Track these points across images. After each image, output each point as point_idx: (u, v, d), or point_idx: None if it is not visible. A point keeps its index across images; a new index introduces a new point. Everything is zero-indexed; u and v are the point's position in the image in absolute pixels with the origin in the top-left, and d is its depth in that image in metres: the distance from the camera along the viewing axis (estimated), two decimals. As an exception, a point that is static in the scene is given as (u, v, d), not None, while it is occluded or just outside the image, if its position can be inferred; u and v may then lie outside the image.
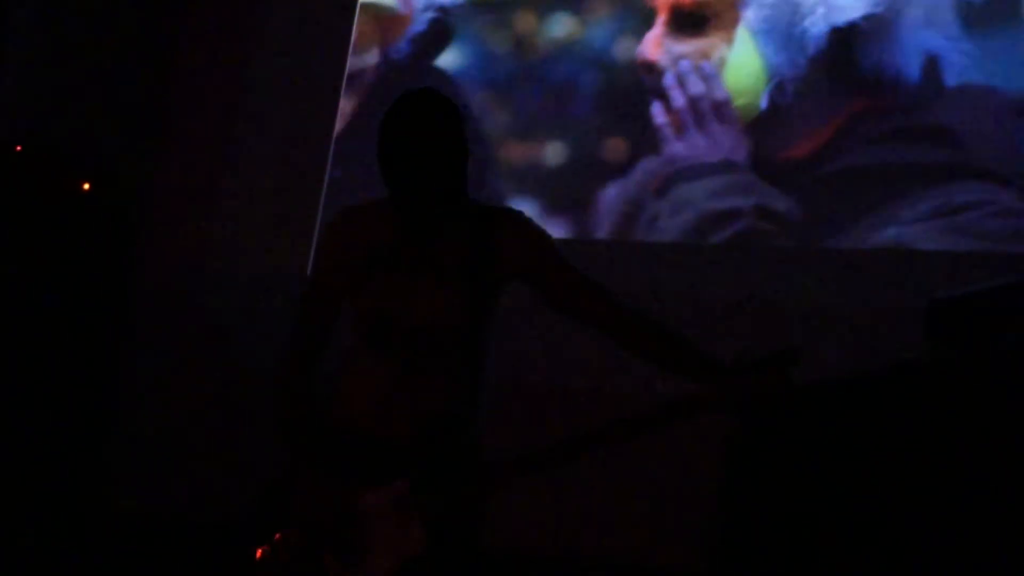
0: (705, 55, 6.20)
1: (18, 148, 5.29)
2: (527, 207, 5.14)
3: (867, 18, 5.82)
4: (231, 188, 7.03)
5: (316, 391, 3.43)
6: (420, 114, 3.25)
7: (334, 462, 3.32)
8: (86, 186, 5.29)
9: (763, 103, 5.99)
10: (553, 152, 6.43)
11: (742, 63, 6.11)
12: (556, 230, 5.52)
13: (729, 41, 6.16)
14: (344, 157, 6.96)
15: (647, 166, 6.15)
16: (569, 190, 6.30)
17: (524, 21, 6.67)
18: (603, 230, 6.25)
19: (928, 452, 4.04)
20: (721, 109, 6.11)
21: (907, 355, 4.37)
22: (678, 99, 6.18)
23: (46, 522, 5.09)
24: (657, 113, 6.19)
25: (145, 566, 5.41)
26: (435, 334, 3.33)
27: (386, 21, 7.09)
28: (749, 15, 6.12)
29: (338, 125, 7.03)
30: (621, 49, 6.39)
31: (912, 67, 5.74)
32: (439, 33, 6.85)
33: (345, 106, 7.05)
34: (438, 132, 3.23)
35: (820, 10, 5.93)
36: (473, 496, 3.32)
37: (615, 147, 6.28)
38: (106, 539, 5.45)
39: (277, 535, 3.27)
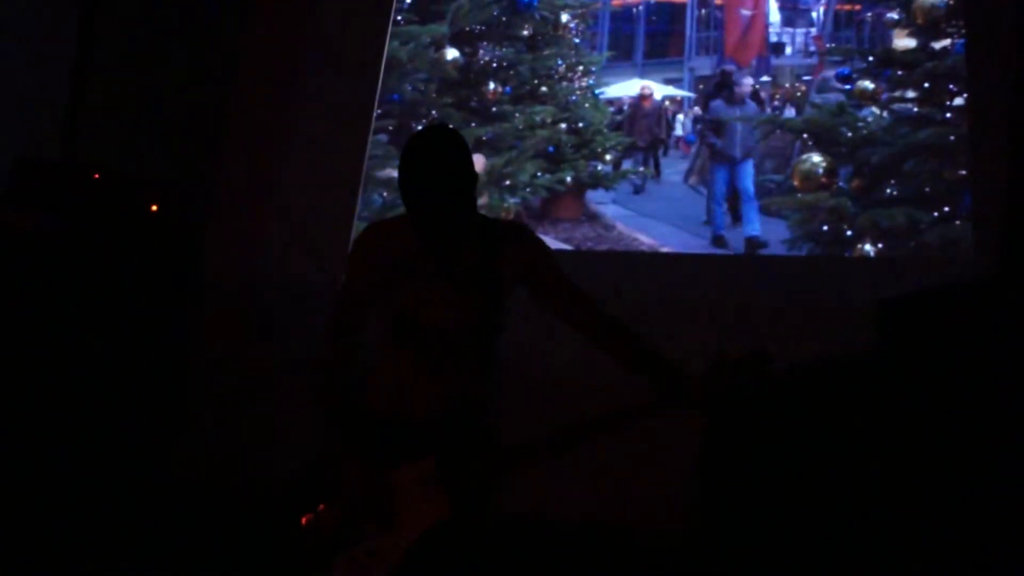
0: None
1: (96, 175, 5.28)
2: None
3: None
4: (277, 204, 7.04)
5: (351, 381, 3.46)
6: (434, 150, 3.28)
7: (370, 442, 3.33)
8: (154, 207, 5.27)
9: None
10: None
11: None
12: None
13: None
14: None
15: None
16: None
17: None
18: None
19: (876, 427, 4.10)
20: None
21: (860, 347, 4.38)
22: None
23: (126, 489, 5.07)
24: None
25: (204, 530, 5.41)
26: (453, 333, 3.33)
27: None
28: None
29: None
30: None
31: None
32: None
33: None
34: (450, 164, 3.26)
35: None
36: (489, 471, 3.32)
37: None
38: (173, 505, 5.44)
39: (321, 505, 3.30)
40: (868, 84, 6.15)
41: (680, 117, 6.94)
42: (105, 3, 6.13)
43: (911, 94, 6.04)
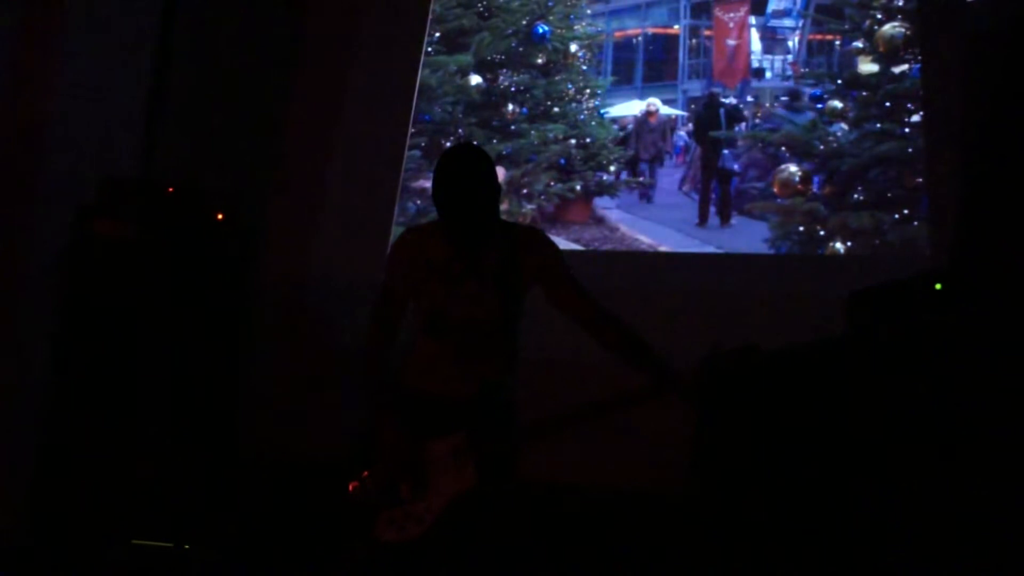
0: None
1: (170, 189, 5.30)
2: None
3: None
4: (325, 212, 7.06)
5: (391, 365, 3.49)
6: (463, 166, 3.30)
7: (407, 418, 3.34)
8: (219, 216, 5.29)
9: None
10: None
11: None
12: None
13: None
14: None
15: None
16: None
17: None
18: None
19: (847, 404, 4.10)
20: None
21: (833, 333, 4.38)
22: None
23: (197, 462, 5.09)
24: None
25: (265, 495, 5.44)
26: (478, 325, 3.36)
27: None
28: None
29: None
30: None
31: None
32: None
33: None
34: (477, 178, 3.28)
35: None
36: (511, 444, 3.36)
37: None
38: (238, 474, 5.46)
39: (365, 472, 3.34)
40: (837, 103, 6.14)
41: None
42: (176, 42, 6.13)
43: (875, 112, 6.03)
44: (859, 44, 6.18)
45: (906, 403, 3.95)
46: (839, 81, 6.16)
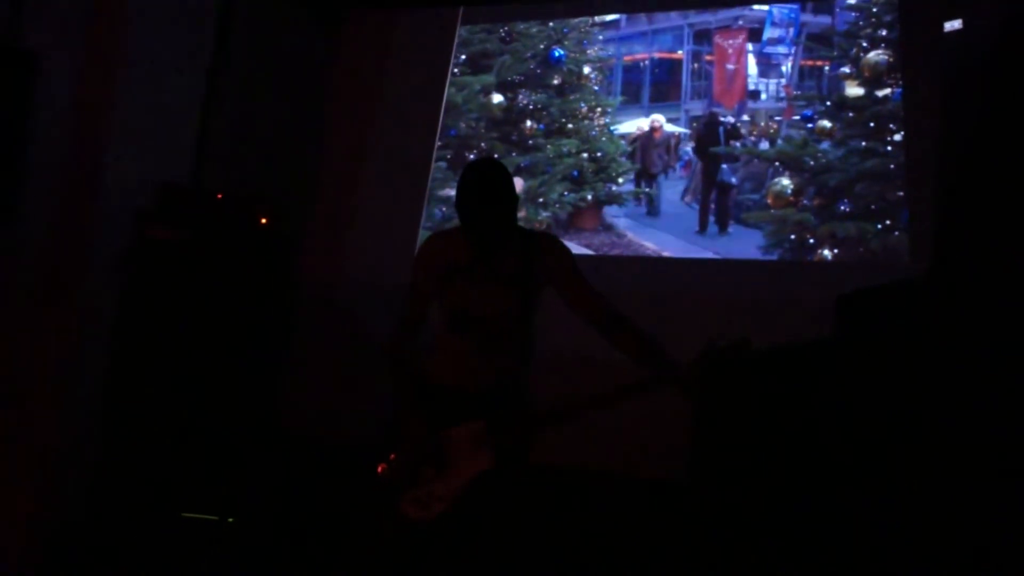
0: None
1: (219, 196, 5.31)
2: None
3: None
4: (358, 217, 7.08)
5: (416, 359, 3.49)
6: (484, 178, 3.31)
7: (431, 406, 3.37)
8: (264, 220, 5.30)
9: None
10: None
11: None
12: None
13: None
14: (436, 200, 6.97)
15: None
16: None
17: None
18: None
19: (834, 398, 4.09)
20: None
21: (822, 333, 4.36)
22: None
23: (242, 442, 5.11)
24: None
25: (302, 475, 5.44)
26: (497, 322, 3.39)
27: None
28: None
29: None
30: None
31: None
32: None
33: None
34: (497, 189, 3.29)
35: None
36: (525, 431, 3.38)
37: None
38: (279, 455, 5.46)
39: (392, 455, 3.36)
40: (826, 123, 6.11)
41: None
42: (226, 65, 6.15)
43: (860, 131, 6.00)
44: (846, 69, 6.15)
45: (890, 398, 3.96)
46: (828, 103, 6.13)
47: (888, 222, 5.80)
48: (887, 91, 5.98)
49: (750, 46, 6.39)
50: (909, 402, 3.92)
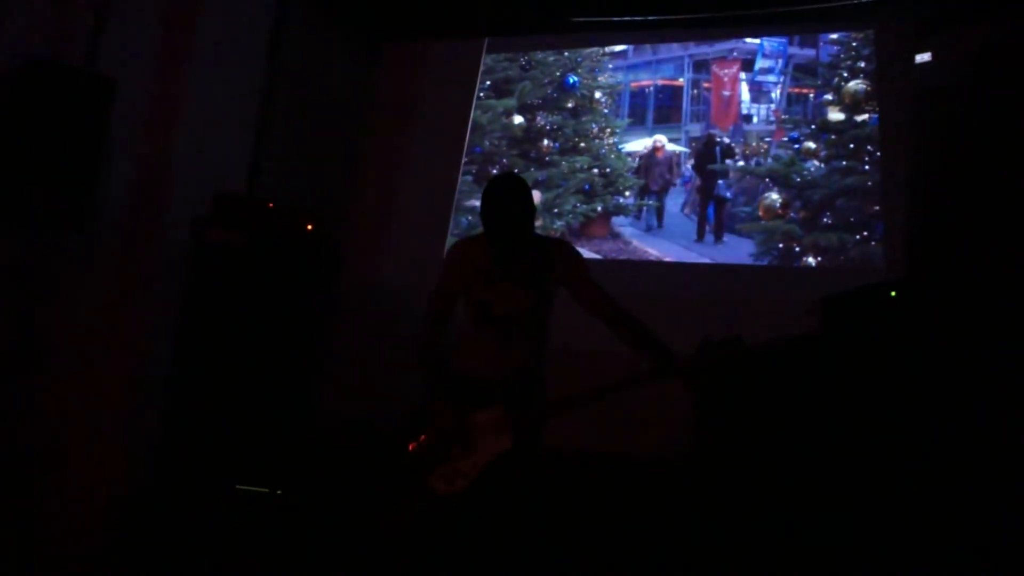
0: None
1: (270, 204, 5.33)
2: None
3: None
4: (393, 225, 7.08)
5: (443, 351, 3.52)
6: (506, 191, 3.34)
7: (457, 393, 3.39)
8: (309, 227, 5.32)
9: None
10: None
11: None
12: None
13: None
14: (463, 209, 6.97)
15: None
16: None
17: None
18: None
19: (819, 388, 4.10)
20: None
21: (807, 331, 4.43)
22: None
23: (289, 423, 5.11)
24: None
25: (342, 453, 5.45)
26: (516, 319, 3.41)
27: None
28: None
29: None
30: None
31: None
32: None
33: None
34: (517, 201, 3.32)
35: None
36: (541, 416, 3.39)
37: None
38: (323, 436, 5.47)
39: (422, 436, 3.38)
40: (811, 144, 6.12)
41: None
42: (277, 87, 6.18)
43: (841, 152, 6.01)
44: (829, 97, 6.16)
45: (869, 387, 3.98)
46: (813, 126, 6.14)
47: (865, 233, 5.80)
48: (865, 116, 5.98)
49: (743, 75, 6.39)
50: (884, 388, 3.95)
